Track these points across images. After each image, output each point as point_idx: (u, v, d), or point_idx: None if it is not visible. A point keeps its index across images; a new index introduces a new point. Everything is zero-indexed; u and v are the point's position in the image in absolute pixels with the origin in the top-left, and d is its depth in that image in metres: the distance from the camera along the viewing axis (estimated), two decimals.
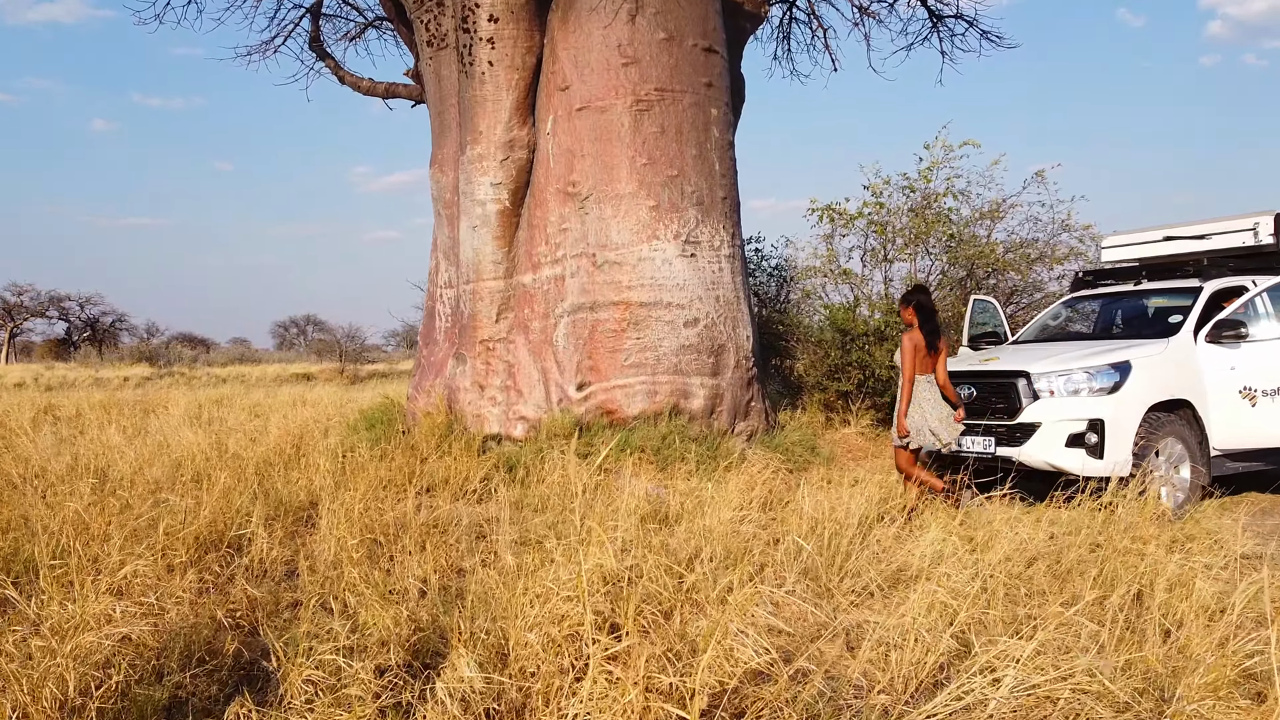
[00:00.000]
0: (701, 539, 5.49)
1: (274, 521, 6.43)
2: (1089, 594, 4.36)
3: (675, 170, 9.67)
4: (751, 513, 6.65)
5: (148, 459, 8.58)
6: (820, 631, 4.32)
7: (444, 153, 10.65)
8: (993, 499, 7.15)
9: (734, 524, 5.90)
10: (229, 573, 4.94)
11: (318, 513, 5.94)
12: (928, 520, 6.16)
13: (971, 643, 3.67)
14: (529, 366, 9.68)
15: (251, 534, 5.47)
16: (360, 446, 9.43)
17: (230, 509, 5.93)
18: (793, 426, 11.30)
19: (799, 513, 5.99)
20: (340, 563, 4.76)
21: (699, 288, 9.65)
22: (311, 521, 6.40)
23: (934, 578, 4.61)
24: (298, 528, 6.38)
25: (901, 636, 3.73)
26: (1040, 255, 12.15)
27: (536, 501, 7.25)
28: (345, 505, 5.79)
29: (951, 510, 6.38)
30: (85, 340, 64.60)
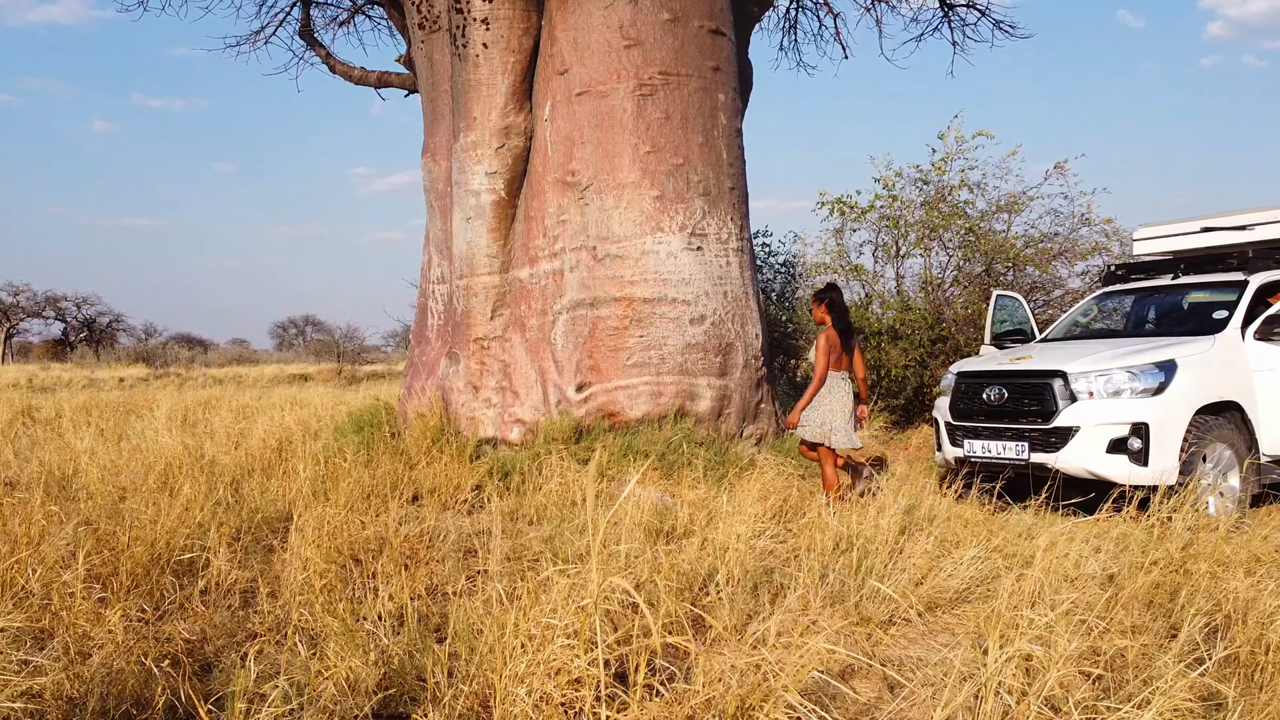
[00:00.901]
0: (716, 557, 4.94)
1: (244, 536, 5.88)
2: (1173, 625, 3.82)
3: (680, 158, 9.13)
4: (767, 525, 6.10)
5: (117, 465, 8.04)
6: (852, 668, 3.77)
7: (436, 141, 10.11)
8: (1028, 508, 6.61)
9: (749, 539, 5.34)
10: (177, 599, 4.39)
11: (293, 526, 5.39)
12: (962, 535, 5.61)
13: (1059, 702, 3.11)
14: (525, 366, 9.14)
15: (210, 552, 4.92)
16: (346, 451, 8.89)
17: (192, 522, 5.38)
18: None
19: (821, 526, 5.44)
20: (308, 586, 4.22)
21: (705, 283, 9.10)
22: (286, 536, 5.86)
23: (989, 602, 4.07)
24: (273, 542, 5.83)
25: (978, 690, 3.17)
26: (1061, 250, 11.61)
27: (532, 512, 6.71)
28: (321, 519, 5.24)
29: (986, 526, 5.83)
30: (82, 341, 64.09)
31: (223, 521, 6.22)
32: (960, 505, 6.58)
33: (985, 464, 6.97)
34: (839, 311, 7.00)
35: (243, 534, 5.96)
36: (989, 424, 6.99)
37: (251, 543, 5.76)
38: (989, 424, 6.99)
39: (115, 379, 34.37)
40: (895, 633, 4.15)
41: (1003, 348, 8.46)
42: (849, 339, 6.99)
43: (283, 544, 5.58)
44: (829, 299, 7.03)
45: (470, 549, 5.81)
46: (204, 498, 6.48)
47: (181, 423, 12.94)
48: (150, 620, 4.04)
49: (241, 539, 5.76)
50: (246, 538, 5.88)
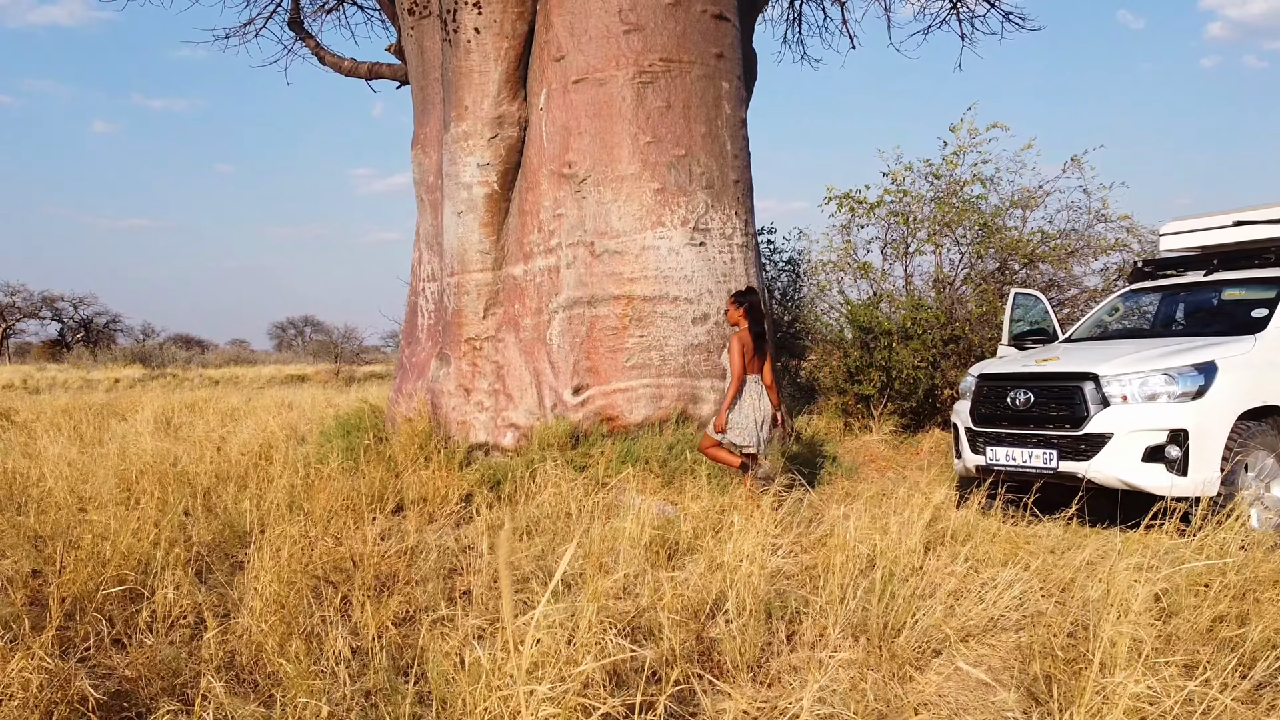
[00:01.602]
0: (724, 580, 4.48)
1: (212, 552, 5.43)
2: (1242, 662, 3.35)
3: (683, 149, 8.67)
4: (777, 538, 5.64)
5: (85, 472, 7.58)
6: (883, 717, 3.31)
7: (427, 132, 9.65)
8: (1057, 520, 6.15)
9: (759, 557, 4.88)
10: (113, 634, 3.92)
11: (256, 544, 4.93)
12: (991, 552, 5.15)
13: None
14: (519, 368, 8.68)
15: (165, 574, 4.46)
16: (330, 458, 8.44)
17: (151, 539, 4.92)
18: (809, 434, 10.31)
19: (840, 541, 4.97)
20: (264, 617, 3.75)
21: (709, 280, 8.65)
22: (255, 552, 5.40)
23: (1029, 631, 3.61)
24: (242, 558, 5.37)
25: None
26: (1076, 247, 11.15)
27: (525, 525, 6.25)
28: (292, 535, 4.78)
29: (1016, 542, 5.36)
30: (79, 341, 63.64)
31: (189, 536, 5.77)
32: (984, 518, 6.13)
33: (1010, 473, 6.50)
34: (755, 315, 6.88)
35: (211, 550, 5.51)
36: (1014, 430, 6.53)
37: (218, 559, 5.30)
38: (1014, 430, 6.53)
39: (111, 380, 33.93)
40: (931, 672, 3.68)
41: (1023, 348, 8.00)
42: (762, 343, 6.89)
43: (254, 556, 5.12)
44: (748, 303, 6.90)
45: (456, 567, 5.35)
46: (171, 510, 6.03)
47: (165, 426, 12.49)
48: (84, 657, 3.59)
49: (207, 556, 5.30)
50: (215, 554, 5.42)
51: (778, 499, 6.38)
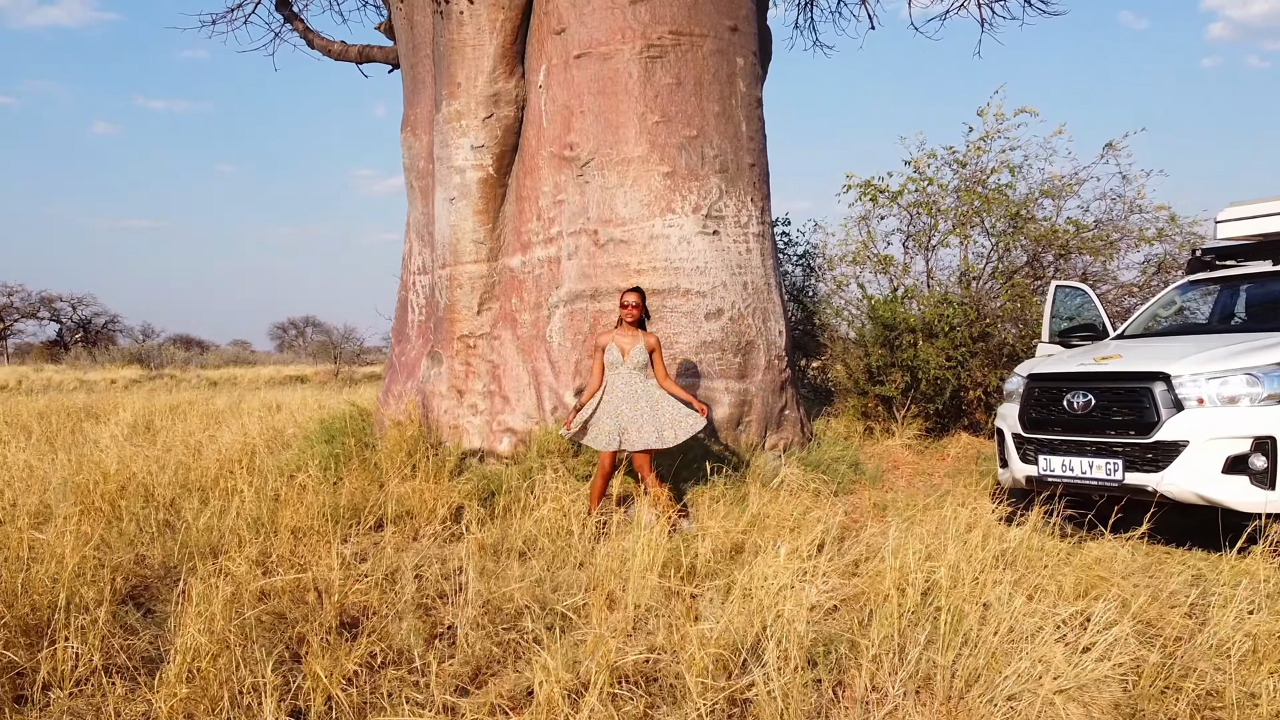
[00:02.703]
0: (756, 616, 3.77)
1: (160, 580, 4.73)
2: None
3: (694, 130, 7.96)
4: (811, 560, 4.92)
5: (41, 483, 6.89)
6: None
7: (417, 113, 8.95)
8: (1125, 539, 5.43)
9: (792, 584, 4.17)
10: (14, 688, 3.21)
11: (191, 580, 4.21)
12: (1063, 583, 4.42)
13: None
14: (517, 367, 7.97)
15: (89, 610, 3.75)
16: (310, 465, 7.73)
17: (84, 564, 4.21)
18: (829, 438, 9.59)
19: (885, 567, 4.27)
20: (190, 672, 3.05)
21: (723, 272, 7.94)
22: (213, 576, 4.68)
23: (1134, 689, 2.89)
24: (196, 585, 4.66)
25: None
26: (1116, 238, 10.41)
27: (520, 543, 5.54)
28: (239, 565, 4.07)
29: (1092, 570, 4.64)
30: (77, 342, 63.02)
31: (141, 556, 5.07)
32: (1044, 537, 5.41)
33: (1067, 485, 5.78)
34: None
35: (162, 576, 4.80)
36: (1071, 437, 5.81)
37: (166, 588, 4.59)
38: (1071, 437, 5.81)
39: (107, 381, 33.31)
40: None
41: (1069, 346, 7.28)
42: None
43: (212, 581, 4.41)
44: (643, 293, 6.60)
45: (441, 594, 4.64)
46: (123, 527, 5.34)
47: (145, 430, 11.80)
48: None
49: (155, 584, 4.60)
50: (164, 581, 4.72)
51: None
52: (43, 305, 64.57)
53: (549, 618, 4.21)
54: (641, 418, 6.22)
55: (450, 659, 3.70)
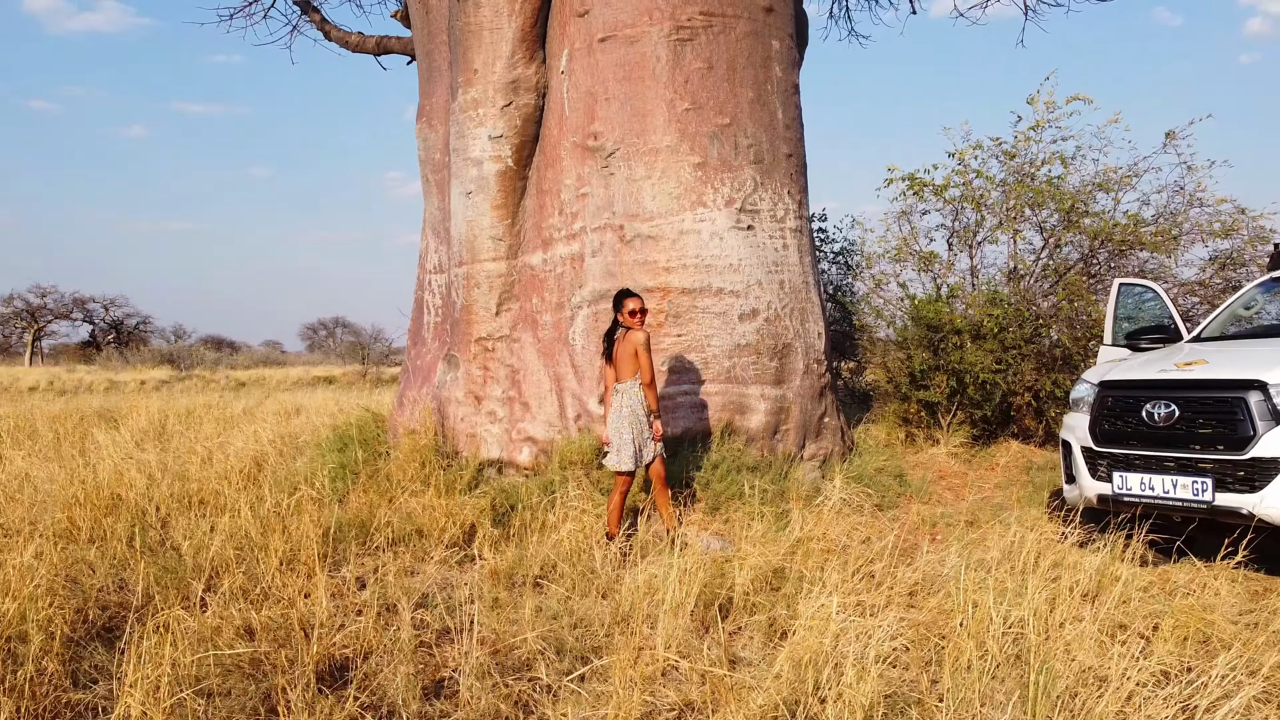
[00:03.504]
0: (805, 666, 3.22)
1: (140, 608, 4.25)
2: None
3: (727, 118, 7.42)
4: (865, 594, 4.37)
5: (36, 496, 6.48)
6: None
7: (433, 103, 8.47)
8: (1218, 568, 4.82)
9: (845, 627, 3.62)
10: None
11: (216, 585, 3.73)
12: (1163, 627, 3.84)
13: None
14: (538, 372, 7.47)
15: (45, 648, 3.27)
16: (318, 476, 7.27)
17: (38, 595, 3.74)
18: (870, 447, 9.01)
19: (942, 594, 3.71)
20: None
21: (758, 270, 7.39)
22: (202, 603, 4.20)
23: None
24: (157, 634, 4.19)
25: None
26: (1179, 232, 9.72)
27: (537, 568, 5.02)
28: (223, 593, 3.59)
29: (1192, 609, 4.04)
30: (110, 343, 63.43)
31: (122, 582, 4.61)
32: (1125, 565, 4.82)
33: (1147, 506, 5.17)
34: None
35: (144, 603, 4.34)
36: (1151, 451, 5.20)
37: (143, 621, 4.12)
38: (1151, 451, 5.20)
39: (137, 382, 33.33)
40: None
41: (1137, 349, 6.66)
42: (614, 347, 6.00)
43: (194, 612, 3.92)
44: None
45: (445, 630, 4.13)
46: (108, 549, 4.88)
47: (159, 435, 11.43)
48: None
49: (131, 613, 4.12)
50: (149, 608, 4.24)
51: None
52: (76, 306, 65.12)
53: (566, 661, 3.69)
54: (647, 428, 5.75)
55: (449, 717, 3.19)
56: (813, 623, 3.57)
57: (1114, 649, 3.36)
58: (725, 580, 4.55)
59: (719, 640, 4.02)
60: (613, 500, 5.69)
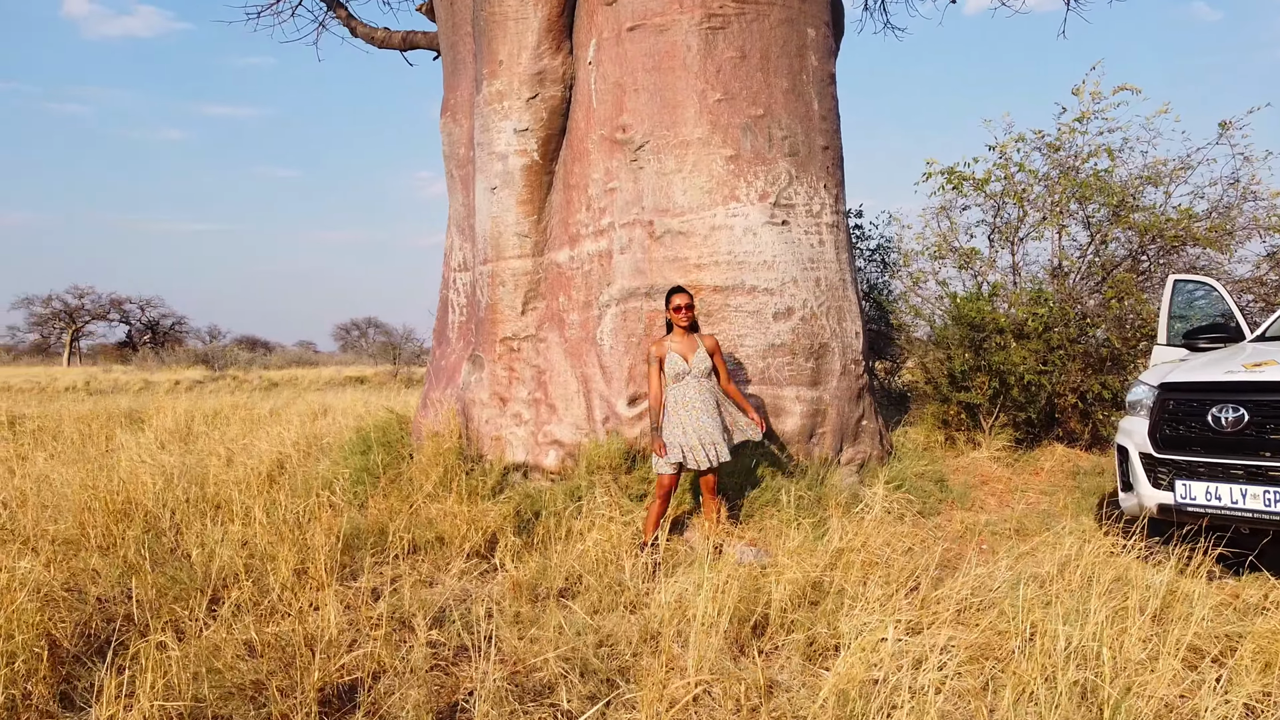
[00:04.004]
0: (850, 696, 2.94)
1: (144, 621, 4.05)
2: None
3: (760, 109, 7.14)
4: (911, 610, 4.07)
5: (54, 499, 6.33)
6: None
7: (457, 97, 8.25)
8: None
9: (896, 646, 3.33)
10: None
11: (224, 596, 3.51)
12: (1242, 655, 3.51)
13: None
14: (565, 373, 7.22)
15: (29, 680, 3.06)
16: (340, 480, 7.08)
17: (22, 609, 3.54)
18: (908, 451, 8.68)
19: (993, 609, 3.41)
20: None
21: (793, 267, 7.09)
22: (212, 617, 3.98)
23: None
24: (183, 623, 3.97)
25: None
26: (1234, 227, 9.30)
27: (563, 578, 4.77)
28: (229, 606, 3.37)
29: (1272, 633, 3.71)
30: (145, 343, 64.14)
31: (129, 591, 4.42)
32: (1182, 578, 4.48)
33: (1214, 517, 4.82)
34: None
35: (150, 615, 4.13)
36: (1217, 459, 4.85)
37: (137, 636, 3.92)
38: (1217, 459, 4.85)
39: (171, 382, 33.56)
40: None
41: (1196, 349, 6.30)
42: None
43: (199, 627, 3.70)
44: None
45: (462, 648, 3.89)
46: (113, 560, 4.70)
47: (186, 436, 11.33)
48: None
49: (126, 632, 3.92)
50: (149, 622, 4.04)
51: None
52: (112, 307, 65.92)
53: (590, 684, 3.43)
54: (719, 430, 5.54)
55: None
56: (858, 646, 3.28)
57: (1191, 678, 3.05)
58: (761, 595, 4.27)
59: (755, 661, 3.75)
60: (652, 504, 5.53)
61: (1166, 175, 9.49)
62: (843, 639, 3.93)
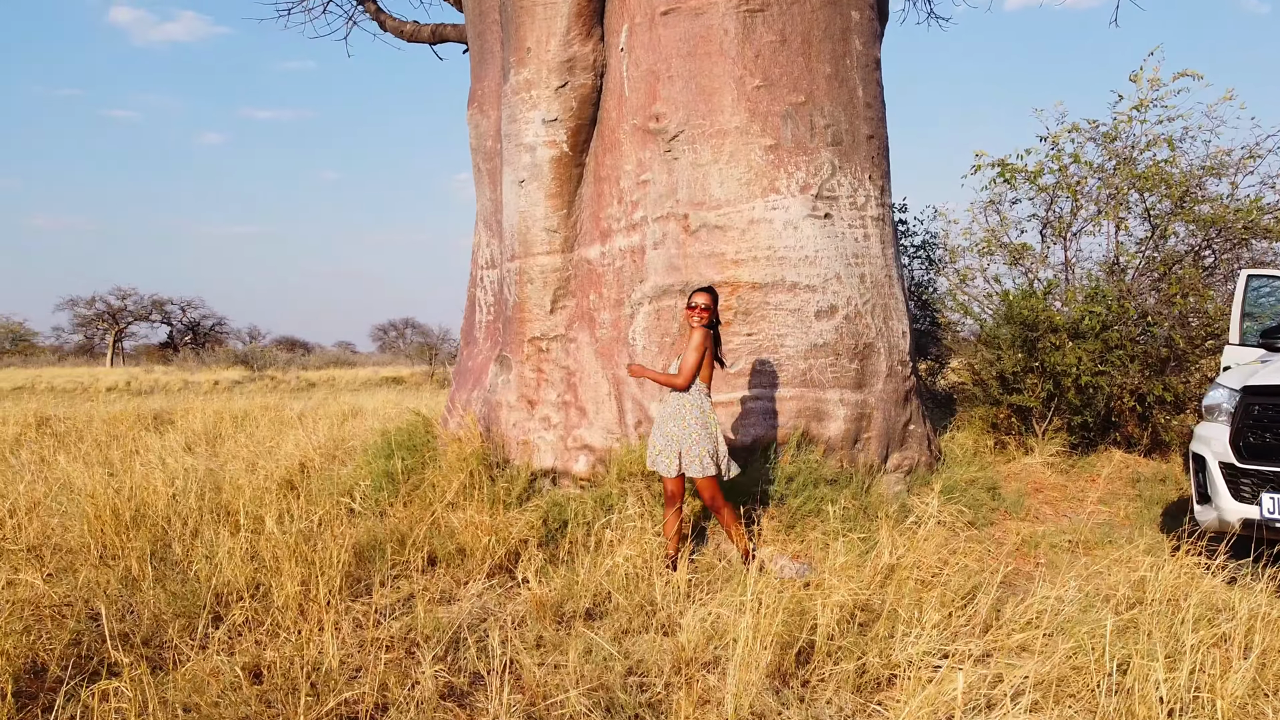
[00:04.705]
0: None
1: (146, 642, 3.77)
2: None
3: (801, 95, 6.75)
4: (970, 637, 3.68)
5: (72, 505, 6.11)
6: None
7: (484, 87, 7.95)
8: None
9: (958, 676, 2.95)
10: None
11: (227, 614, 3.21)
12: None
13: None
14: (595, 375, 6.89)
15: None
16: (362, 485, 6.80)
17: None
18: (957, 457, 8.24)
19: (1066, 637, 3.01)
20: None
21: (836, 262, 6.70)
22: (204, 640, 3.69)
23: None
24: (177, 648, 3.68)
25: None
26: None
27: (590, 597, 4.43)
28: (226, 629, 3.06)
29: None
30: (187, 344, 64.87)
31: (130, 608, 4.15)
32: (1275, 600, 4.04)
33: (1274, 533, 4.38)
34: (715, 314, 5.34)
35: (151, 634, 3.85)
36: None
37: (136, 658, 3.63)
38: None
39: (211, 382, 33.77)
40: None
41: (1275, 349, 5.83)
42: (719, 347, 5.44)
43: (196, 649, 3.40)
44: (716, 293, 5.41)
45: (476, 677, 3.56)
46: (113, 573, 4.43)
47: (212, 438, 11.15)
48: None
49: (116, 653, 3.63)
50: (150, 643, 3.76)
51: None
52: (154, 308, 66.74)
53: None
54: (689, 436, 5.07)
55: None
56: (917, 682, 2.90)
57: None
58: (805, 618, 3.90)
59: (798, 694, 3.39)
60: (666, 514, 5.13)
61: (1233, 165, 8.96)
62: (897, 669, 3.56)
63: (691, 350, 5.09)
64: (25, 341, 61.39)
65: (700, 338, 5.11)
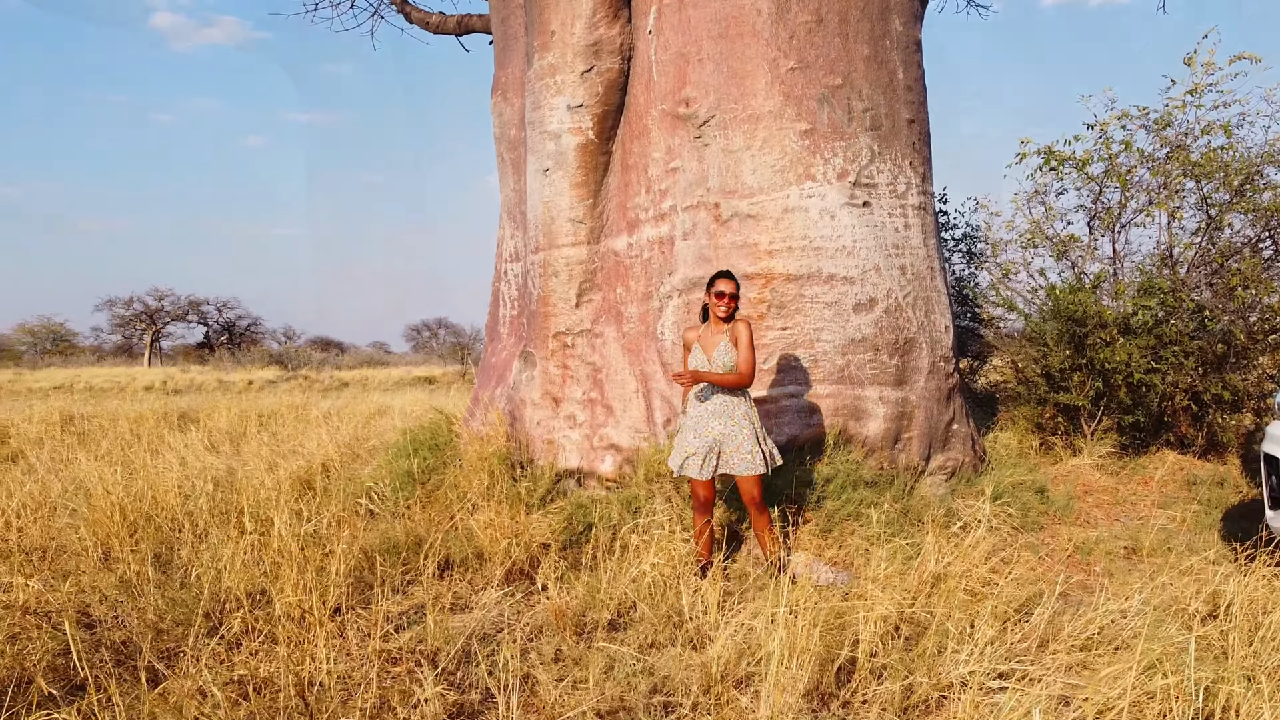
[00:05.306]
0: None
1: (131, 655, 3.54)
2: None
3: (838, 78, 6.43)
4: (1026, 657, 3.35)
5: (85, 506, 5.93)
6: None
7: (508, 74, 7.69)
8: None
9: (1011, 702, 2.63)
10: None
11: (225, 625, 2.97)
12: None
13: None
14: (622, 371, 6.60)
15: None
16: (382, 484, 6.57)
17: None
18: (1002, 458, 7.87)
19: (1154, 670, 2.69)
20: None
21: (876, 253, 6.37)
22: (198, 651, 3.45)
23: None
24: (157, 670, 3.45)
25: None
26: None
27: (614, 607, 4.15)
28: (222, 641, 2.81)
29: None
30: (223, 344, 65.44)
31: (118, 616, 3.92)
32: None
33: None
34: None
35: (157, 635, 3.62)
36: None
37: (127, 670, 3.39)
38: None
39: (245, 381, 33.94)
40: None
41: None
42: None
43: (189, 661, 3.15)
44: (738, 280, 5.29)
45: (488, 694, 3.28)
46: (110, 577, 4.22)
47: (236, 437, 11.01)
48: None
49: (106, 664, 3.40)
50: (159, 643, 3.52)
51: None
52: (191, 309, 67.43)
53: None
54: (740, 433, 4.77)
55: None
56: (970, 706, 2.59)
57: None
58: (845, 632, 3.59)
59: (839, 716, 3.08)
60: (695, 520, 4.85)
61: None
62: (949, 690, 3.24)
63: (746, 347, 4.80)
64: (65, 342, 62.29)
65: (748, 332, 4.84)
